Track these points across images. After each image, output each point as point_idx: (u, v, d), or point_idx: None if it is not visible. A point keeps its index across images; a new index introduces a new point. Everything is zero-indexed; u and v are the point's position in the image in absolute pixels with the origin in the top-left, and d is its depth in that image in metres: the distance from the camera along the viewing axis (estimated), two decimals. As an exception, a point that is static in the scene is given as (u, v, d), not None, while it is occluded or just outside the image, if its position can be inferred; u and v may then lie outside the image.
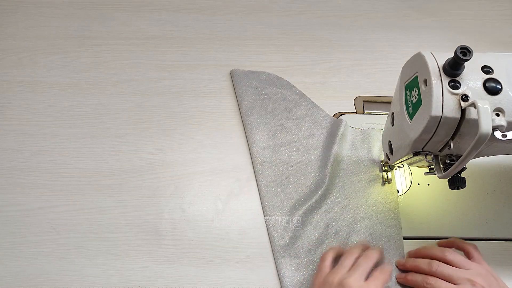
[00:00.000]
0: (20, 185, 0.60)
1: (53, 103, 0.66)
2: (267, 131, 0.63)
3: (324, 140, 0.63)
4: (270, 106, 0.65)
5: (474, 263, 0.51)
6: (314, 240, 0.56)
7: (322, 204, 0.58)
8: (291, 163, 0.61)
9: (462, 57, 0.37)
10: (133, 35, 0.72)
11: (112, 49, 0.71)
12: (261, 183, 0.60)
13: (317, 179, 0.60)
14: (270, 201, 0.59)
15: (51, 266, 0.55)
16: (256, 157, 0.61)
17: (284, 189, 0.59)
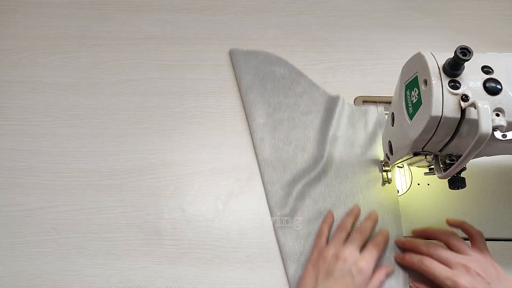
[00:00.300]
0: (20, 185, 0.60)
1: (53, 103, 0.66)
2: (266, 109, 0.65)
3: (322, 116, 0.64)
4: (269, 84, 0.67)
5: (475, 251, 0.51)
6: (314, 212, 0.58)
7: (322, 178, 0.60)
8: (290, 139, 0.63)
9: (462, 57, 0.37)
10: (133, 35, 0.72)
11: (112, 49, 0.71)
12: (261, 159, 0.61)
13: (316, 154, 0.61)
14: (270, 175, 0.60)
15: (51, 266, 0.55)
16: (256, 134, 0.63)
17: (284, 164, 0.61)
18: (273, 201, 0.58)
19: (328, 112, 0.64)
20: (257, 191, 0.60)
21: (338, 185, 0.60)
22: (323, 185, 0.60)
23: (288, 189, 0.59)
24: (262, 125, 0.63)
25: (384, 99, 0.66)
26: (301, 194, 0.59)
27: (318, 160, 0.61)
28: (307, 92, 0.67)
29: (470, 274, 0.48)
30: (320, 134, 0.63)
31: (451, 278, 0.48)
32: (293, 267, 0.54)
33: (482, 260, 0.50)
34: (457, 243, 0.51)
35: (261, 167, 0.61)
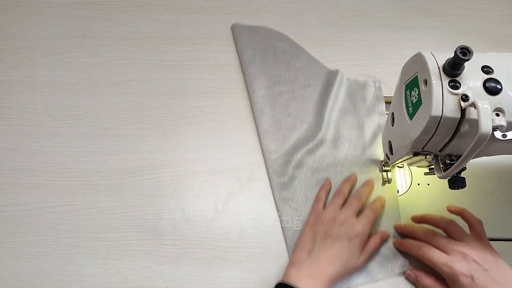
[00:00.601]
0: (20, 185, 0.60)
1: (53, 103, 0.66)
2: (266, 82, 0.66)
3: (321, 89, 0.66)
4: (269, 59, 0.68)
5: (473, 238, 0.52)
6: (312, 181, 0.60)
7: (319, 148, 0.62)
8: (289, 111, 0.65)
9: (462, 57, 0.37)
10: (133, 35, 0.72)
11: (112, 49, 0.71)
12: (261, 129, 0.63)
13: (314, 125, 0.63)
14: (269, 145, 0.62)
15: (51, 266, 0.55)
16: (256, 105, 0.65)
17: (283, 134, 0.63)
18: (272, 169, 0.60)
19: (327, 85, 0.66)
20: (257, 191, 0.60)
21: (336, 155, 0.62)
22: (321, 155, 0.61)
23: (287, 158, 0.61)
24: (262, 96, 0.65)
25: (384, 99, 0.66)
26: (299, 163, 0.61)
27: (317, 130, 0.63)
28: (307, 66, 0.68)
29: (467, 260, 0.48)
30: (319, 106, 0.65)
31: (447, 264, 0.49)
32: (290, 232, 0.57)
33: (480, 247, 0.50)
34: (455, 230, 0.52)
35: (261, 137, 0.63)
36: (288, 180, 0.60)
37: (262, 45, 0.70)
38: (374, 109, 0.65)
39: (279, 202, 0.59)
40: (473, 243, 0.51)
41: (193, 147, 0.63)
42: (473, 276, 0.48)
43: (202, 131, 0.64)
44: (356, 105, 0.65)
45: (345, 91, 0.66)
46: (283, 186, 0.59)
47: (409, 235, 0.55)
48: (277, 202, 0.59)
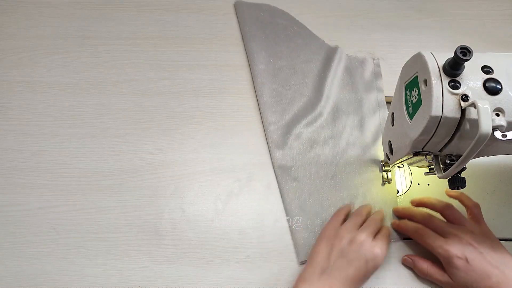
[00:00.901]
0: (20, 185, 0.60)
1: (53, 103, 0.66)
2: (267, 56, 0.68)
3: (320, 65, 0.68)
4: (271, 35, 0.70)
5: (471, 222, 0.52)
6: (310, 155, 0.61)
7: (318, 120, 0.63)
8: (290, 85, 0.66)
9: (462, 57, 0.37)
10: (133, 35, 0.72)
11: (112, 49, 0.71)
12: (261, 100, 0.65)
13: (314, 98, 0.65)
14: (269, 117, 0.63)
15: (51, 266, 0.55)
16: (257, 78, 0.66)
17: (282, 106, 0.64)
18: (271, 140, 0.62)
19: (326, 61, 0.68)
20: (257, 191, 0.60)
21: (333, 127, 0.63)
22: (319, 127, 0.63)
23: (286, 129, 0.62)
24: (263, 70, 0.67)
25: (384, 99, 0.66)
26: (298, 135, 0.62)
27: (316, 104, 0.64)
28: (308, 43, 0.70)
29: (462, 243, 0.49)
30: (318, 81, 0.66)
31: (442, 246, 0.49)
32: (293, 205, 0.58)
33: (476, 230, 0.51)
34: (452, 214, 0.53)
35: (261, 109, 0.64)
36: (287, 150, 0.61)
37: (264, 21, 0.71)
38: (372, 85, 0.67)
39: (278, 170, 0.60)
40: (470, 226, 0.51)
41: (193, 147, 0.63)
42: (467, 259, 0.48)
43: (202, 131, 0.64)
44: (354, 81, 0.67)
45: (344, 67, 0.68)
46: (282, 156, 0.61)
47: (407, 218, 0.56)
48: (276, 171, 0.60)
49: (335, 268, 0.49)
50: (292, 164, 0.60)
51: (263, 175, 0.61)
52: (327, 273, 0.49)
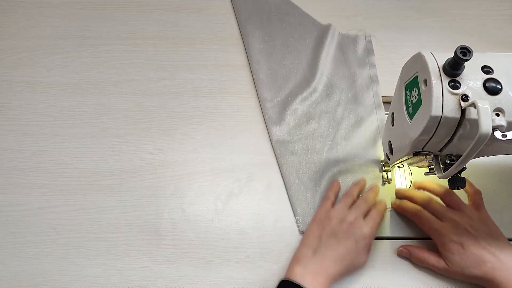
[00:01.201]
0: (20, 185, 0.60)
1: (53, 103, 0.66)
2: (262, 36, 0.71)
3: (314, 43, 0.70)
4: (264, 16, 0.73)
5: (470, 208, 0.53)
6: (307, 130, 0.63)
7: (312, 96, 0.65)
8: (284, 63, 0.69)
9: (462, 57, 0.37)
10: (133, 35, 0.72)
11: (112, 49, 0.71)
12: (256, 78, 0.67)
13: (308, 75, 0.67)
14: (265, 94, 0.65)
15: (51, 266, 0.55)
16: (252, 57, 0.69)
17: (278, 84, 0.67)
18: (268, 117, 0.64)
19: (320, 39, 0.70)
20: (257, 191, 0.60)
21: (328, 103, 0.65)
22: (314, 102, 0.65)
23: (282, 106, 0.65)
24: (258, 49, 0.69)
25: (384, 99, 0.66)
26: (294, 110, 0.64)
27: (310, 80, 0.66)
28: (300, 22, 0.73)
29: (459, 228, 0.50)
30: (312, 58, 0.69)
31: (439, 230, 0.51)
32: (292, 184, 0.60)
33: (474, 216, 0.51)
34: (452, 199, 0.54)
35: (257, 86, 0.66)
36: (284, 125, 0.63)
37: (258, 3, 0.74)
38: (365, 61, 0.69)
39: (276, 144, 0.62)
40: (468, 212, 0.52)
41: (193, 147, 0.63)
42: (463, 244, 0.49)
43: (202, 131, 0.64)
44: (347, 57, 0.69)
45: (337, 44, 0.70)
46: (280, 131, 0.63)
47: (408, 199, 0.57)
48: (274, 146, 0.62)
49: (326, 247, 0.50)
50: (290, 139, 0.62)
51: (263, 175, 0.61)
52: (318, 252, 0.50)
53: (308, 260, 0.50)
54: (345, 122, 0.64)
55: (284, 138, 0.62)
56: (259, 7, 0.73)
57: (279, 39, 0.70)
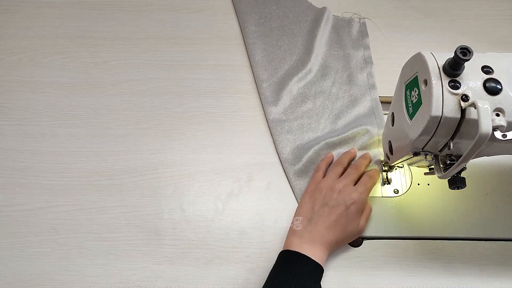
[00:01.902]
0: (21, 185, 0.60)
1: (53, 103, 0.66)
2: (257, 18, 0.72)
3: (309, 25, 0.72)
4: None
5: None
6: (303, 109, 0.64)
7: (308, 76, 0.67)
8: (280, 45, 0.70)
9: (462, 57, 0.37)
10: (133, 35, 0.72)
11: (112, 49, 0.71)
12: (252, 59, 0.68)
13: (304, 56, 0.68)
14: (261, 74, 0.67)
15: (51, 266, 0.55)
16: (248, 39, 0.70)
17: (274, 65, 0.68)
18: (264, 97, 0.65)
19: (315, 21, 0.72)
20: (257, 191, 0.60)
21: (323, 83, 0.67)
22: (309, 83, 0.66)
23: (278, 86, 0.66)
24: (254, 31, 0.71)
25: (384, 99, 0.66)
26: (289, 90, 0.65)
27: (306, 61, 0.68)
28: (296, 4, 0.74)
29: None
30: (308, 40, 0.70)
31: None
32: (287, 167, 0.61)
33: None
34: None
35: (253, 68, 0.68)
36: (280, 105, 0.64)
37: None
38: (359, 42, 0.71)
39: (272, 123, 0.63)
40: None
41: (193, 147, 0.63)
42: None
43: (202, 131, 0.64)
44: (342, 39, 0.70)
45: (332, 26, 0.72)
46: (275, 110, 0.64)
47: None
48: (270, 124, 0.63)
49: (318, 216, 0.52)
50: (285, 118, 0.64)
51: (263, 175, 0.61)
52: (312, 221, 0.52)
53: (303, 230, 0.52)
54: (340, 102, 0.65)
55: (280, 117, 0.64)
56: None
57: (275, 21, 0.72)
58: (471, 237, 0.57)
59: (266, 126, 0.64)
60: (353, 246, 0.56)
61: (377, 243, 0.57)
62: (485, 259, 0.55)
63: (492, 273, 0.54)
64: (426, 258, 0.55)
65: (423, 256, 0.55)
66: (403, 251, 0.56)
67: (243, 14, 0.72)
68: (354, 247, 0.56)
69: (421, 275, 0.54)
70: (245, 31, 0.71)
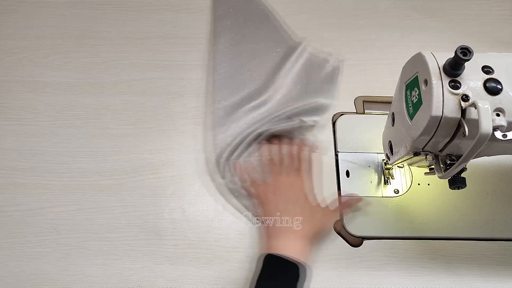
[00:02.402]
0: (21, 185, 0.60)
1: (53, 103, 0.66)
2: (231, 38, 0.70)
3: (279, 56, 0.69)
4: (241, 19, 0.72)
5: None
6: (252, 136, 0.62)
7: (261, 108, 0.64)
8: (248, 67, 0.68)
9: (463, 57, 0.37)
10: (133, 35, 0.72)
11: (112, 49, 0.71)
12: (211, 78, 0.67)
13: (263, 87, 0.66)
14: (217, 94, 0.65)
15: (51, 266, 0.55)
16: (217, 56, 0.68)
17: (232, 88, 0.66)
18: (217, 116, 0.63)
19: (286, 54, 0.69)
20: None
21: (275, 116, 0.63)
22: (261, 114, 0.63)
23: (229, 110, 0.64)
24: (223, 51, 0.69)
25: (384, 99, 0.66)
26: (238, 118, 0.63)
27: (262, 93, 0.65)
28: (274, 32, 0.72)
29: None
30: (273, 71, 0.67)
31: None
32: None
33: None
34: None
35: (210, 86, 0.67)
36: (228, 131, 0.62)
37: (236, 6, 0.73)
38: (324, 87, 0.67)
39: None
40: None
41: (193, 147, 0.63)
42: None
43: (202, 131, 0.64)
44: (310, 79, 0.67)
45: (303, 63, 0.68)
46: (219, 126, 0.63)
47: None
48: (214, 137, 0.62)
49: (284, 216, 0.54)
50: (232, 140, 0.61)
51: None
52: (282, 222, 0.54)
53: (278, 231, 0.53)
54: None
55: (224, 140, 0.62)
56: (237, 9, 0.73)
57: (246, 45, 0.70)
58: (471, 237, 0.57)
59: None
60: (353, 246, 0.56)
61: (377, 243, 0.57)
62: (485, 259, 0.55)
63: (492, 273, 0.54)
64: (426, 258, 0.55)
65: (423, 256, 0.55)
66: (403, 251, 0.56)
67: (218, 31, 0.71)
68: (354, 247, 0.56)
69: (421, 275, 0.54)
70: (214, 48, 0.69)
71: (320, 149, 0.62)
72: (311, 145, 0.62)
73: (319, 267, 0.55)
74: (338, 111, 0.66)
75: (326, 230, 0.57)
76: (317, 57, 0.69)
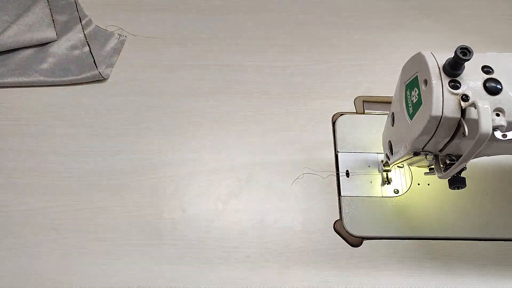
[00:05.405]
0: (20, 185, 0.60)
1: (53, 103, 0.66)
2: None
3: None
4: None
5: None
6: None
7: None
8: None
9: (462, 57, 0.37)
10: (133, 35, 0.72)
11: (112, 49, 0.71)
12: None
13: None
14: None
15: (51, 266, 0.55)
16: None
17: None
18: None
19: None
20: (257, 191, 0.60)
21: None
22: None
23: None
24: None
25: (384, 99, 0.66)
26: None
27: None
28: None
29: None
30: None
31: None
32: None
33: None
34: None
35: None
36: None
37: None
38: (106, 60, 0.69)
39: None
40: None
41: (193, 147, 0.63)
42: None
43: (202, 131, 0.64)
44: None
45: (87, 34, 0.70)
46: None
47: None
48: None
49: None
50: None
51: (263, 175, 0.61)
52: None
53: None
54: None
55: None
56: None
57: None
58: (471, 237, 0.57)
59: (266, 126, 0.64)
60: (353, 246, 0.57)
61: (377, 243, 0.57)
62: (485, 259, 0.55)
63: (492, 273, 0.54)
64: (426, 258, 0.55)
65: (423, 256, 0.55)
66: (403, 251, 0.56)
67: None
68: (354, 247, 0.56)
69: (421, 275, 0.54)
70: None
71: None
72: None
73: (319, 267, 0.55)
74: (338, 111, 0.66)
75: None
76: (103, 31, 0.71)
